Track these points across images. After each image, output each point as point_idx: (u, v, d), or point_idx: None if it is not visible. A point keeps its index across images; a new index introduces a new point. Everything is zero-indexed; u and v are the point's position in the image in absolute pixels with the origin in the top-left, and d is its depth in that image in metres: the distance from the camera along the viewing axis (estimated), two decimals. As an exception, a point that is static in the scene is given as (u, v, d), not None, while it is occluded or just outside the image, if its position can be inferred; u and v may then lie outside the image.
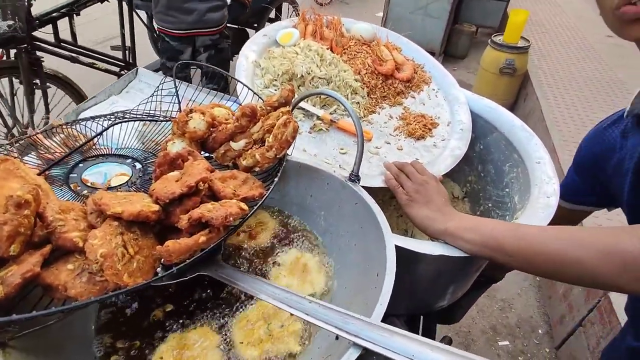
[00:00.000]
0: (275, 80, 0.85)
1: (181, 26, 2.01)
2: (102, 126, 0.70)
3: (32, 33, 2.03)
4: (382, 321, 0.42)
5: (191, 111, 0.68)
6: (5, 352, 0.40)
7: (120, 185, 0.63)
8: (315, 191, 0.68)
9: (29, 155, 0.68)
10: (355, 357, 0.37)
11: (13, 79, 2.13)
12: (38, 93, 2.16)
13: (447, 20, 4.05)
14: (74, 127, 0.74)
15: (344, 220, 0.64)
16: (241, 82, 0.75)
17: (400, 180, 0.71)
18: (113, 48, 2.75)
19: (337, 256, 0.63)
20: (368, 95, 0.96)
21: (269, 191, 0.56)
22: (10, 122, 2.23)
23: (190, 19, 1.99)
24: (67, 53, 2.30)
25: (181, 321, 0.56)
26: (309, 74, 0.86)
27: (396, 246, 0.61)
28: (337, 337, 0.41)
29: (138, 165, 0.69)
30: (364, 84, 0.96)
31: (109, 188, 0.62)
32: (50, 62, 2.20)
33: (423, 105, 1.02)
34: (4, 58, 2.07)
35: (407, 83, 1.04)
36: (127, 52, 2.68)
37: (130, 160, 0.70)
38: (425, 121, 0.94)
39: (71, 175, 0.64)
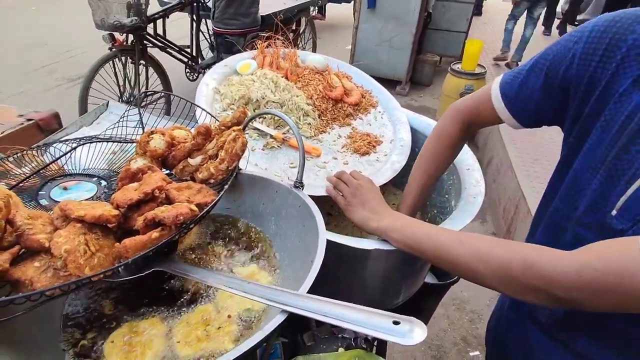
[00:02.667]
0: (233, 104, 0.95)
1: (242, 26, 3.19)
2: (71, 146, 0.77)
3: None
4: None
5: (152, 132, 0.76)
6: (-25, 339, 0.45)
7: (86, 199, 0.70)
8: (266, 199, 0.77)
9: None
10: (282, 320, 0.44)
11: (128, 59, 3.07)
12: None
13: (410, 51, 4.34)
14: (44, 152, 0.81)
15: (290, 222, 0.72)
16: (199, 106, 0.84)
17: (339, 188, 0.80)
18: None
19: (284, 254, 0.71)
20: (319, 117, 1.07)
21: (219, 196, 0.64)
22: (122, 90, 3.10)
23: (248, 20, 3.20)
24: (159, 44, 3.38)
25: (135, 312, 0.61)
26: (263, 98, 0.96)
27: (339, 245, 0.70)
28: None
29: (103, 183, 0.76)
30: (315, 107, 1.07)
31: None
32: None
33: (369, 126, 1.13)
34: (124, 43, 3.02)
35: (356, 106, 1.16)
36: (193, 48, 3.76)
37: (96, 178, 0.77)
38: (370, 139, 1.06)
39: (40, 192, 0.70)
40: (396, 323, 0.40)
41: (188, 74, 3.85)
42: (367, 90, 1.22)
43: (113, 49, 2.99)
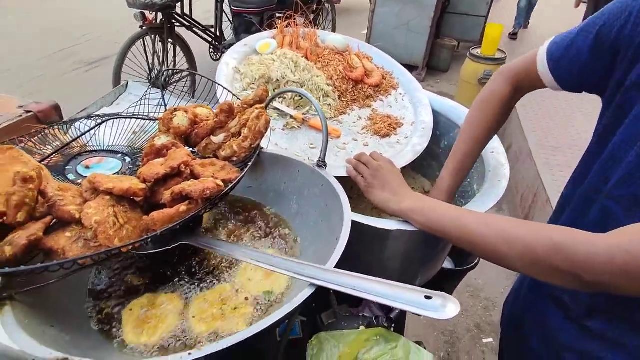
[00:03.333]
0: (253, 83, 0.95)
1: (260, 4, 3.31)
2: (96, 122, 0.78)
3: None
4: (358, 305, 0.49)
5: (175, 110, 0.76)
6: (13, 304, 0.47)
7: (112, 174, 0.71)
8: (288, 178, 0.77)
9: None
10: (311, 293, 0.44)
11: (157, 37, 3.15)
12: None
13: (428, 36, 4.24)
14: (68, 130, 0.82)
15: (312, 201, 0.72)
16: (220, 85, 0.84)
17: (359, 169, 0.79)
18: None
19: (306, 234, 0.71)
20: (339, 99, 1.06)
21: (243, 172, 0.64)
22: (151, 68, 3.18)
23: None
24: (186, 23, 3.46)
25: (156, 285, 0.63)
26: (283, 78, 0.95)
27: (360, 225, 0.70)
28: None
29: (128, 159, 0.77)
30: (335, 88, 1.06)
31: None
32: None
33: (390, 108, 1.11)
34: (154, 22, 3.13)
35: (376, 88, 1.14)
36: (217, 28, 3.84)
37: (120, 155, 0.78)
38: (391, 121, 1.04)
39: (67, 167, 0.71)
40: (428, 298, 0.40)
41: (212, 54, 3.90)
42: (387, 72, 1.20)
43: (143, 27, 3.07)
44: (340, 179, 0.74)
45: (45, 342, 0.44)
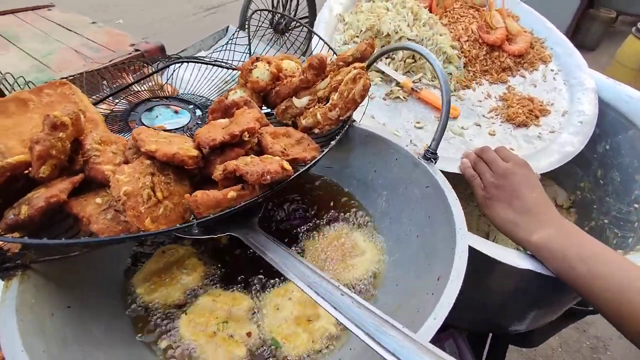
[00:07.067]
0: (357, 36, 0.75)
1: None
2: (164, 64, 0.68)
3: None
4: (438, 332, 0.31)
5: (257, 59, 0.61)
6: (24, 274, 0.39)
7: (175, 129, 0.61)
8: (380, 166, 0.58)
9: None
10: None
11: None
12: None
13: (579, 3, 3.43)
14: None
15: (408, 205, 0.53)
16: (315, 33, 0.66)
17: (479, 169, 0.56)
18: None
19: (392, 246, 0.53)
20: (465, 67, 0.81)
21: (322, 152, 0.48)
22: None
23: None
24: None
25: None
26: (396, 32, 0.74)
27: (470, 248, 0.49)
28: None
29: (198, 112, 0.66)
30: (462, 52, 0.81)
31: (164, 130, 0.60)
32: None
33: (534, 87, 0.83)
34: None
35: (518, 58, 0.85)
36: None
37: (192, 106, 0.67)
38: (533, 106, 0.76)
39: (132, 113, 0.63)
40: None
41: None
42: (538, 38, 0.89)
43: None
44: (443, 173, 0.53)
45: (43, 336, 0.35)
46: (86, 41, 1.14)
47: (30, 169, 0.40)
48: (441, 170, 0.51)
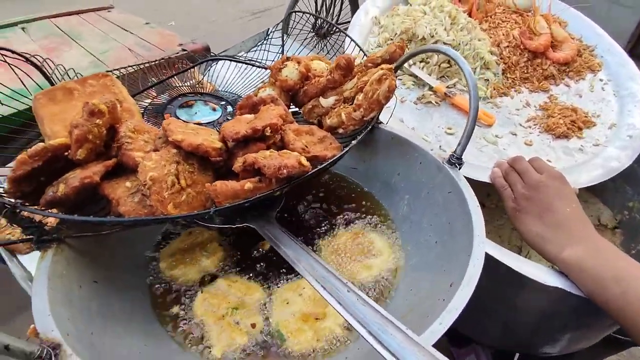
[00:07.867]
0: (391, 39, 0.74)
1: None
2: (197, 60, 0.71)
3: None
4: (462, 346, 0.31)
5: (287, 59, 0.63)
6: (59, 247, 0.42)
7: (206, 123, 0.63)
8: (403, 169, 0.57)
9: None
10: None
11: None
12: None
13: (644, 11, 3.18)
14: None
15: (430, 210, 0.52)
16: (346, 34, 0.66)
17: (511, 180, 0.54)
18: None
19: (411, 251, 0.52)
20: (503, 74, 0.78)
21: (342, 152, 0.48)
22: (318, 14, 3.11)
23: None
24: None
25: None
26: (432, 36, 0.72)
27: (493, 260, 0.47)
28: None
29: (230, 108, 0.68)
30: (501, 58, 0.78)
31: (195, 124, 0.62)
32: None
33: (579, 98, 0.78)
34: None
35: (564, 66, 0.81)
36: None
37: (224, 102, 0.70)
38: (576, 117, 0.72)
39: (168, 106, 0.66)
40: None
41: None
42: (587, 46, 0.84)
43: None
44: (477, 182, 0.52)
45: (69, 305, 0.37)
46: (140, 41, 1.21)
47: (69, 151, 0.43)
48: (469, 178, 0.50)
